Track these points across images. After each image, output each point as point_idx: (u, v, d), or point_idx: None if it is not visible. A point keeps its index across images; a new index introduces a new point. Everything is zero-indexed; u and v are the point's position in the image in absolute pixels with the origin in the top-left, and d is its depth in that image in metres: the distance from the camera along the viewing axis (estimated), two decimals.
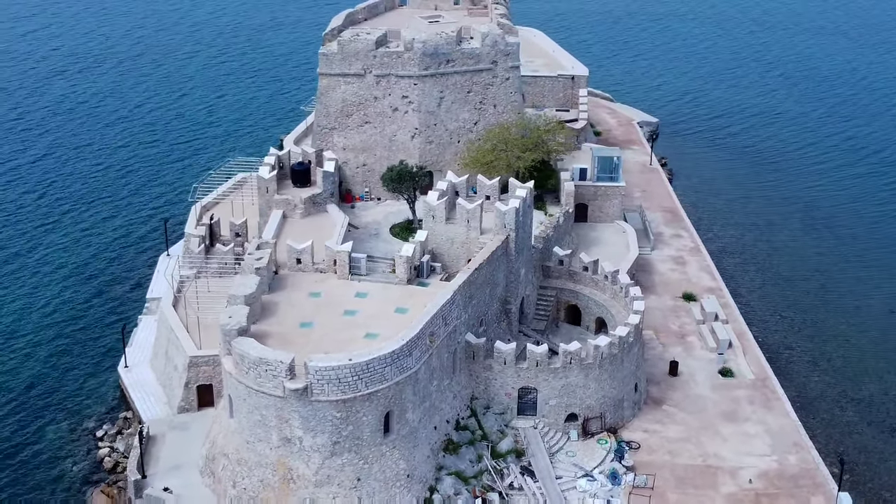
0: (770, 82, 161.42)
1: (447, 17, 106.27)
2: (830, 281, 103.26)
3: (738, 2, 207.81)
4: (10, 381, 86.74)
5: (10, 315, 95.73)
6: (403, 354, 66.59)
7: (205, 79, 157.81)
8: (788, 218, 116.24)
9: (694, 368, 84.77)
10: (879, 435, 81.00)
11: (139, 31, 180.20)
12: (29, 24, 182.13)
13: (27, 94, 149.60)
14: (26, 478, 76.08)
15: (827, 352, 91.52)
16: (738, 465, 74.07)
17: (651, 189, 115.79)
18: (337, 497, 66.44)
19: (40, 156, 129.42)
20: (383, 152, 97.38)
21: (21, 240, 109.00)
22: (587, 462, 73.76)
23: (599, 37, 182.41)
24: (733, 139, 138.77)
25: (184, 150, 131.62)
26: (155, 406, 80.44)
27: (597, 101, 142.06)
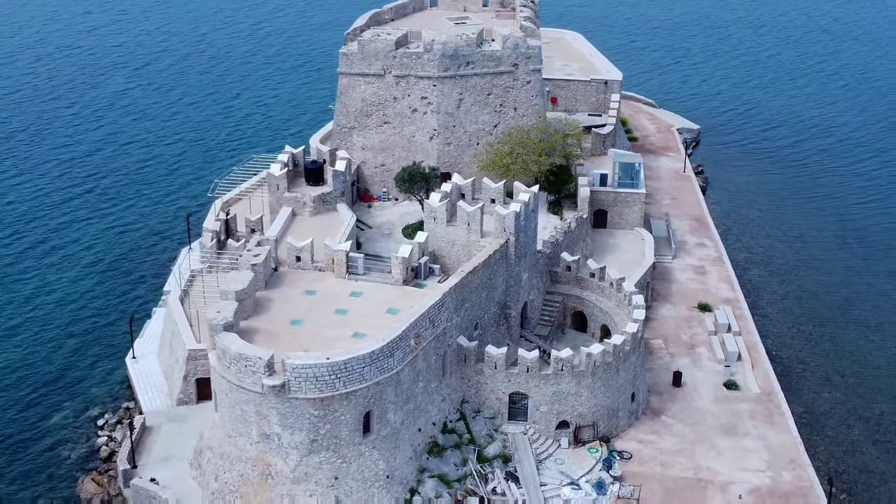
0: (829, 94, 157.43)
1: (475, 19, 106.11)
2: (855, 296, 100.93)
3: (805, 9, 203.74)
4: (24, 366, 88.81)
5: (32, 302, 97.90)
6: (384, 355, 66.61)
7: (238, 77, 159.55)
8: (821, 231, 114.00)
9: (699, 380, 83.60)
10: (883, 455, 79.04)
11: (176, 32, 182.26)
12: (68, 26, 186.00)
13: (70, 91, 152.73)
14: (23, 461, 77.69)
15: (841, 368, 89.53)
16: (729, 480, 72.87)
17: (681, 197, 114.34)
18: (314, 495, 66.73)
19: (75, 149, 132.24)
20: (401, 153, 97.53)
21: (49, 229, 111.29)
22: (575, 470, 73.13)
23: (647, 42, 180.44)
24: (778, 150, 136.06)
25: (213, 146, 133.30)
26: (157, 397, 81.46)
27: (638, 107, 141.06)
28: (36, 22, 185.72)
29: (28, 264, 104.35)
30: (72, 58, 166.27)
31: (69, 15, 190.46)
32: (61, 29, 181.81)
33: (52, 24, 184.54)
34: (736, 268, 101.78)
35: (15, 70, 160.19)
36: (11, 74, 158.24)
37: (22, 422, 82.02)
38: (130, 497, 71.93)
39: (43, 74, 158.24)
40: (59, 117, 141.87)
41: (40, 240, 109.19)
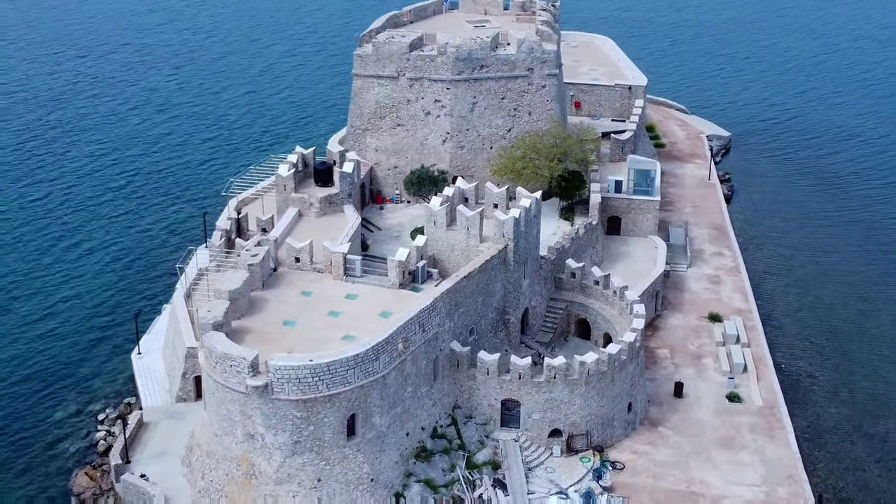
0: (871, 104, 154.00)
1: (494, 22, 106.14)
2: (873, 309, 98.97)
3: (853, 16, 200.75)
4: (36, 360, 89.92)
5: (47, 296, 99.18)
6: (369, 358, 66.60)
7: (262, 79, 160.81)
8: (845, 242, 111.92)
9: (702, 391, 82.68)
10: (885, 474, 77.40)
11: (206, 37, 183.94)
12: (114, 26, 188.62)
13: (108, 90, 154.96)
14: (24, 453, 78.70)
15: (850, 383, 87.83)
16: (722, 494, 72.04)
17: (703, 204, 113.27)
18: (297, 496, 66.96)
19: (107, 147, 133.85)
20: (414, 155, 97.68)
21: (74, 226, 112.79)
22: (565, 479, 72.63)
23: (687, 48, 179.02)
24: (811, 160, 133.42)
25: (232, 146, 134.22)
26: (158, 394, 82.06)
27: (669, 113, 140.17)
28: (84, 20, 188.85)
29: (52, 259, 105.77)
30: (114, 57, 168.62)
31: (116, 15, 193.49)
32: (107, 28, 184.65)
33: (99, 23, 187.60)
34: (752, 278, 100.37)
35: (61, 67, 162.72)
36: (57, 71, 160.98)
37: (28, 414, 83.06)
38: (121, 492, 72.66)
39: (87, 73, 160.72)
40: (97, 115, 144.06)
41: (65, 235, 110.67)
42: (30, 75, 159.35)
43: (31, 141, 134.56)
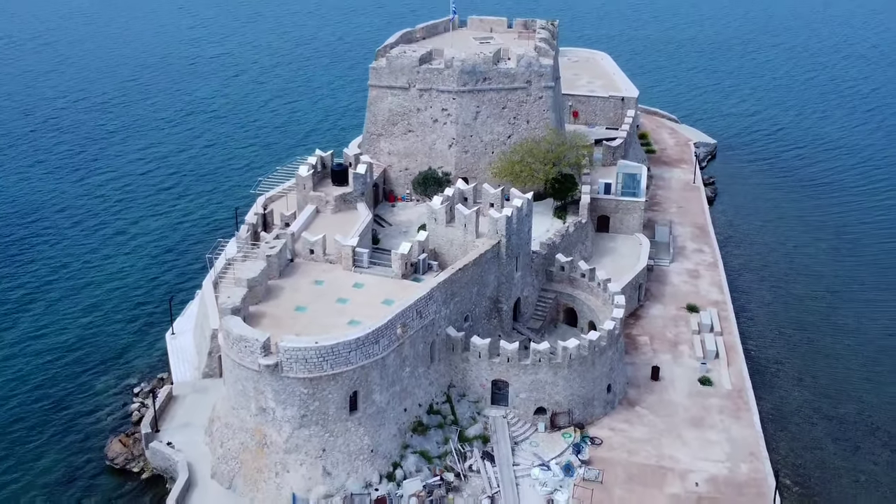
0: (851, 117, 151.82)
1: (498, 39, 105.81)
2: (840, 302, 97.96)
3: (845, 34, 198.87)
4: (81, 338, 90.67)
5: (98, 282, 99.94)
6: (369, 341, 66.90)
7: (291, 89, 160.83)
8: (817, 241, 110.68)
9: (676, 375, 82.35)
10: (841, 453, 76.67)
11: (242, 50, 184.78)
12: (170, 38, 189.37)
13: (163, 98, 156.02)
14: (65, 421, 79.35)
15: (814, 369, 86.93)
16: (689, 469, 71.77)
17: (687, 206, 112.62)
18: (304, 464, 67.38)
19: (157, 149, 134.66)
20: (423, 159, 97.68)
21: (127, 221, 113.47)
22: (547, 453, 72.62)
23: (681, 62, 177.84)
24: (787, 167, 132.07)
25: (263, 149, 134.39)
26: (187, 370, 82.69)
27: (661, 122, 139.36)
28: (140, 37, 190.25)
29: (105, 248, 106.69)
30: (165, 70, 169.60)
31: (169, 33, 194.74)
32: (160, 45, 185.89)
33: (153, 39, 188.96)
34: (729, 273, 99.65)
35: (118, 80, 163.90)
36: (115, 83, 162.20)
37: (72, 385, 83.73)
38: (150, 458, 73.42)
39: (140, 85, 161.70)
40: (149, 121, 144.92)
41: (117, 228, 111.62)
42: (91, 87, 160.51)
43: (92, 144, 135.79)
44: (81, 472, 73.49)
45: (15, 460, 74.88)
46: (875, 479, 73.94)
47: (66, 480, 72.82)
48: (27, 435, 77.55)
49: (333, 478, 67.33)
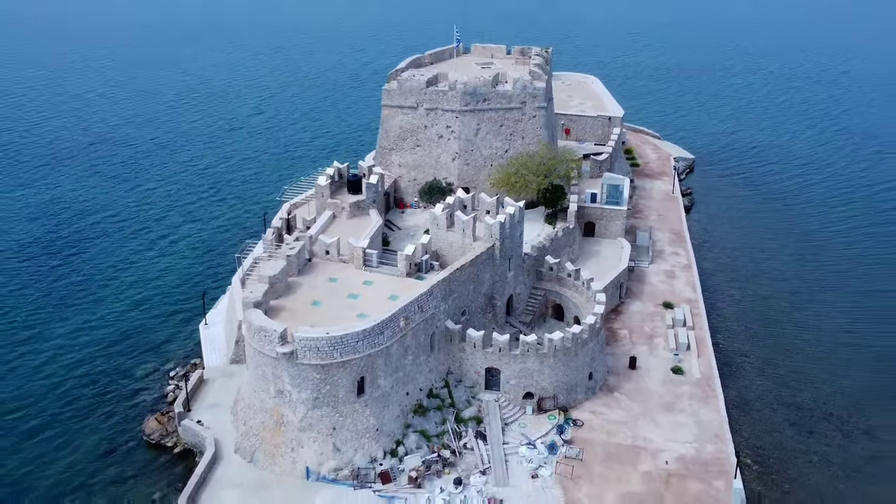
0: (808, 134, 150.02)
1: (498, 64, 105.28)
2: (801, 301, 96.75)
3: (794, 60, 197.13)
4: (125, 326, 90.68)
5: (139, 278, 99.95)
6: (375, 332, 66.65)
7: (317, 107, 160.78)
8: (783, 247, 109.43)
9: (652, 365, 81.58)
10: (797, 436, 75.66)
11: (275, 72, 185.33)
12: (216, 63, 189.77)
13: (207, 114, 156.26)
14: (107, 401, 79.33)
15: (775, 361, 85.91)
16: (661, 449, 71.04)
17: (666, 214, 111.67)
18: (316, 441, 67.16)
19: (201, 161, 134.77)
20: (430, 170, 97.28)
21: (169, 224, 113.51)
22: (534, 433, 72.10)
23: (659, 85, 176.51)
24: (758, 179, 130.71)
25: (290, 161, 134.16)
26: (217, 357, 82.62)
27: (645, 138, 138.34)
28: (190, 60, 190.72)
29: (149, 250, 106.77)
30: (207, 91, 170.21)
31: (216, 56, 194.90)
32: (203, 69, 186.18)
33: (201, 62, 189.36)
34: (702, 274, 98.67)
35: (165, 100, 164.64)
36: (163, 102, 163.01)
37: (115, 369, 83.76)
38: (182, 434, 73.38)
39: (184, 103, 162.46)
40: (192, 136, 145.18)
41: (159, 230, 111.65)
42: (143, 106, 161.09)
43: (142, 156, 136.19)
44: (121, 446, 73.43)
45: (66, 434, 74.98)
46: (827, 459, 73.00)
47: (107, 452, 72.78)
48: (76, 413, 77.62)
49: (342, 453, 67.11)
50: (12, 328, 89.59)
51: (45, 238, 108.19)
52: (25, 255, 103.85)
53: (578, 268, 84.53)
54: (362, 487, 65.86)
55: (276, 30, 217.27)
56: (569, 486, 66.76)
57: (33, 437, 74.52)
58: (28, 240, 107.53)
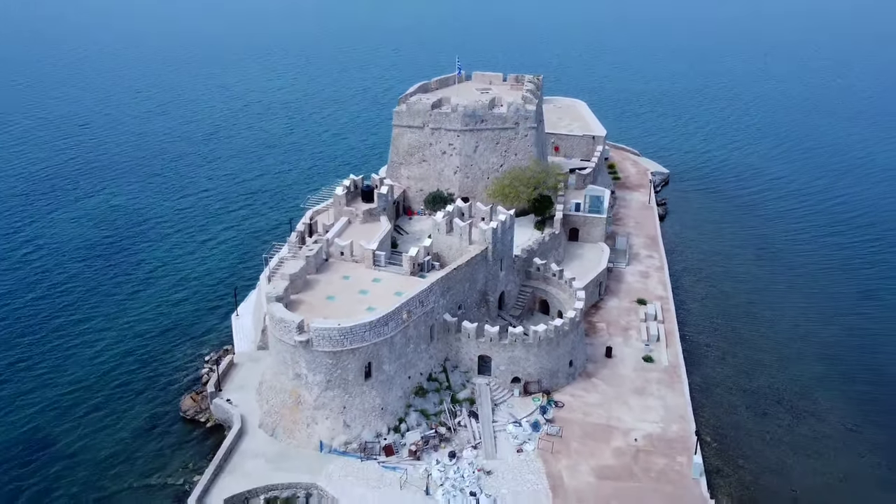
0: (774, 153, 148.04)
1: (495, 90, 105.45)
2: (759, 298, 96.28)
3: (761, 87, 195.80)
4: (167, 318, 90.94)
5: (180, 275, 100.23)
6: (380, 324, 66.89)
7: (339, 127, 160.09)
8: (744, 251, 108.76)
9: (626, 354, 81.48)
10: (752, 417, 75.52)
11: (306, 95, 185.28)
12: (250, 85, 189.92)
13: (240, 131, 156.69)
14: (151, 381, 79.95)
15: (734, 351, 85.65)
16: (631, 427, 71.07)
17: (643, 221, 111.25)
18: (328, 418, 67.44)
19: (233, 169, 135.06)
20: (434, 182, 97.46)
21: (201, 225, 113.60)
22: (520, 413, 72.17)
23: (640, 108, 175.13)
24: (725, 191, 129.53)
25: (314, 172, 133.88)
26: (246, 343, 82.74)
27: (626, 155, 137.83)
28: (232, 85, 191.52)
29: (191, 251, 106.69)
30: (245, 110, 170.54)
31: (254, 81, 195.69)
32: (240, 90, 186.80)
33: (242, 85, 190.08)
34: (672, 274, 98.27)
35: (207, 120, 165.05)
36: (205, 121, 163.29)
37: (157, 355, 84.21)
38: (213, 411, 73.80)
39: (230, 121, 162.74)
40: (229, 150, 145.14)
41: (198, 233, 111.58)
42: (190, 125, 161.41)
43: (188, 169, 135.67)
44: (160, 421, 74.05)
45: (115, 412, 75.64)
46: (778, 438, 72.85)
47: (148, 427, 73.39)
48: (124, 393, 78.27)
49: (351, 429, 67.41)
50: (74, 321, 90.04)
51: (103, 241, 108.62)
52: (87, 256, 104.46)
53: (562, 268, 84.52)
54: (368, 459, 66.16)
55: (308, 60, 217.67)
56: (549, 460, 66.90)
57: (89, 415, 75.18)
58: (90, 243, 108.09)
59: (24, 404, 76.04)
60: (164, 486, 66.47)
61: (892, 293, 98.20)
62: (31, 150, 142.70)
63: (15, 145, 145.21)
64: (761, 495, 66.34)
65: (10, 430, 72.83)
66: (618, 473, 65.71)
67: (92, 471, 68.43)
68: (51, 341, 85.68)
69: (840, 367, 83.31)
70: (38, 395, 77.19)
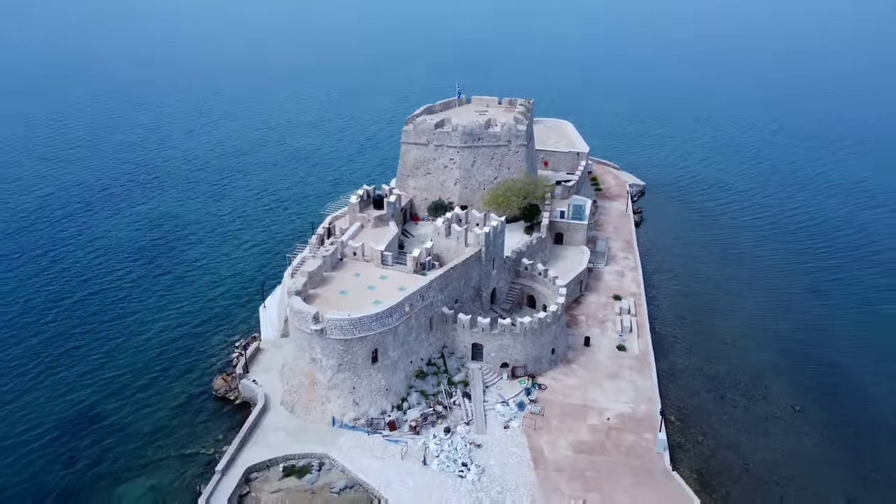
0: (740, 169, 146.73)
1: (491, 112, 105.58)
2: (722, 295, 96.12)
3: (729, 110, 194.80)
4: (203, 309, 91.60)
5: (217, 271, 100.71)
6: (385, 315, 67.32)
7: (359, 144, 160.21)
8: (710, 254, 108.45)
9: (602, 343, 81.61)
10: (712, 400, 75.59)
11: (335, 116, 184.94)
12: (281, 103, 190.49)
13: (256, 148, 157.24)
14: (188, 363, 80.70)
15: (699, 341, 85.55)
16: (605, 408, 71.25)
17: (621, 227, 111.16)
18: (340, 397, 67.93)
19: (265, 180, 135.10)
20: (437, 192, 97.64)
21: (234, 228, 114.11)
22: (507, 394, 72.46)
23: (621, 127, 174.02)
24: (695, 201, 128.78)
25: (334, 182, 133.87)
26: (272, 331, 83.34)
27: (607, 169, 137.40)
28: (263, 106, 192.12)
29: (225, 250, 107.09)
30: (276, 128, 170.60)
31: (282, 102, 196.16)
32: (271, 111, 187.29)
33: (272, 107, 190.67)
34: (645, 274, 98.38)
35: (247, 135, 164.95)
36: (239, 136, 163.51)
37: (194, 341, 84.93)
38: (241, 390, 74.41)
39: (262, 137, 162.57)
40: (260, 163, 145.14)
41: (231, 235, 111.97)
42: (228, 141, 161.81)
43: (225, 179, 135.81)
44: (195, 399, 74.88)
45: (155, 390, 76.57)
46: (734, 418, 72.96)
47: (184, 403, 74.27)
48: (163, 374, 79.12)
49: (360, 407, 67.88)
50: (125, 312, 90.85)
51: (151, 244, 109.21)
52: (137, 257, 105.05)
53: (547, 268, 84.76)
54: (374, 433, 66.63)
55: (332, 88, 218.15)
56: (532, 435, 67.19)
57: (135, 394, 76.21)
58: (139, 245, 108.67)
59: (81, 385, 76.99)
60: (197, 454, 67.18)
61: (838, 291, 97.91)
62: (90, 164, 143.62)
63: (78, 160, 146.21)
64: (718, 467, 66.40)
65: (68, 407, 73.75)
66: (592, 448, 65.91)
67: (137, 443, 69.24)
68: (104, 331, 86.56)
69: (790, 356, 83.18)
70: (92, 378, 78.11)
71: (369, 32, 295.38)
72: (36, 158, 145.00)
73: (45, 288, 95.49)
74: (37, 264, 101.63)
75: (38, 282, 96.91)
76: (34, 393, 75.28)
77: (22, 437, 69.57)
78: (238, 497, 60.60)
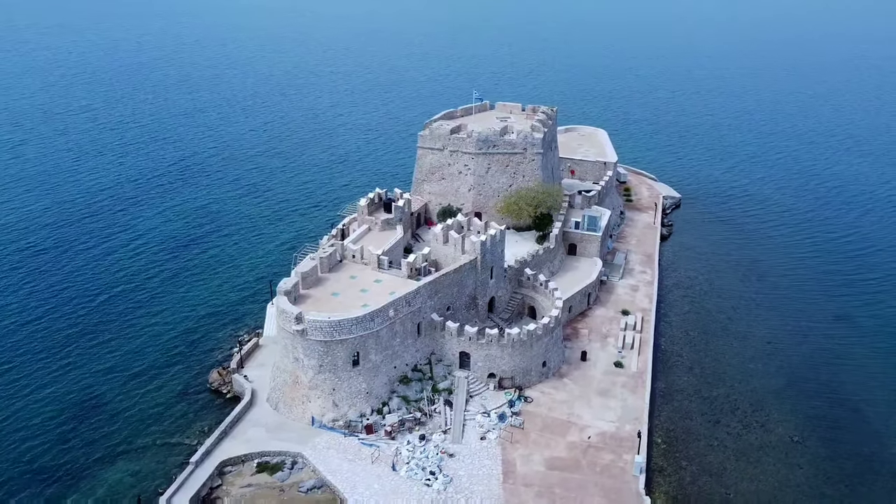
0: (780, 181, 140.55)
1: (513, 118, 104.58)
2: (738, 315, 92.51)
3: (776, 120, 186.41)
4: (212, 305, 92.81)
5: (225, 272, 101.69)
6: (366, 319, 67.59)
7: (374, 149, 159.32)
8: (733, 271, 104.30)
9: (600, 358, 79.87)
10: (704, 423, 72.82)
11: (354, 121, 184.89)
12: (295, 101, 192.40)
13: (270, 154, 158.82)
14: (189, 356, 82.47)
15: (703, 362, 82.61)
16: (588, 425, 69.77)
17: (644, 240, 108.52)
18: (320, 397, 68.58)
19: (278, 183, 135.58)
20: (451, 197, 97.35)
21: (248, 228, 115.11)
22: (491, 405, 71.69)
23: (659, 137, 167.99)
24: (728, 216, 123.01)
25: (347, 186, 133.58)
26: (274, 329, 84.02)
27: (643, 179, 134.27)
28: (287, 113, 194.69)
29: (239, 249, 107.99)
30: (289, 131, 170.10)
31: (302, 112, 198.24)
32: (295, 120, 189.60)
33: (295, 115, 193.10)
34: (662, 289, 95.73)
35: (267, 141, 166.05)
36: (249, 140, 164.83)
37: (200, 336, 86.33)
38: (233, 384, 75.87)
39: (282, 146, 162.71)
40: (283, 170, 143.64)
41: (242, 238, 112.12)
42: (254, 146, 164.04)
43: (247, 181, 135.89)
44: (191, 390, 76.68)
45: (154, 378, 78.77)
46: (724, 444, 70.16)
47: (180, 393, 76.15)
48: (166, 363, 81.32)
49: (339, 408, 68.40)
50: (140, 300, 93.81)
51: (169, 237, 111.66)
52: (158, 249, 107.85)
53: (549, 279, 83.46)
54: (351, 435, 67.02)
55: (354, 93, 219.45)
56: (507, 447, 66.37)
57: (135, 380, 78.44)
58: (159, 239, 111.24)
59: (84, 370, 79.89)
60: (180, 444, 68.88)
61: (868, 321, 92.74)
62: (127, 160, 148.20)
63: (116, 157, 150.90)
64: (696, 494, 64.03)
65: (69, 388, 76.84)
66: (566, 465, 64.60)
67: (129, 427, 71.47)
68: (115, 321, 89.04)
69: (799, 384, 79.45)
70: (96, 364, 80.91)
71: (432, 42, 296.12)
72: (45, 156, 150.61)
73: (66, 281, 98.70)
74: (56, 258, 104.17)
75: (57, 275, 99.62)
76: (41, 374, 78.49)
77: (23, 412, 72.71)
78: (209, 489, 61.91)
